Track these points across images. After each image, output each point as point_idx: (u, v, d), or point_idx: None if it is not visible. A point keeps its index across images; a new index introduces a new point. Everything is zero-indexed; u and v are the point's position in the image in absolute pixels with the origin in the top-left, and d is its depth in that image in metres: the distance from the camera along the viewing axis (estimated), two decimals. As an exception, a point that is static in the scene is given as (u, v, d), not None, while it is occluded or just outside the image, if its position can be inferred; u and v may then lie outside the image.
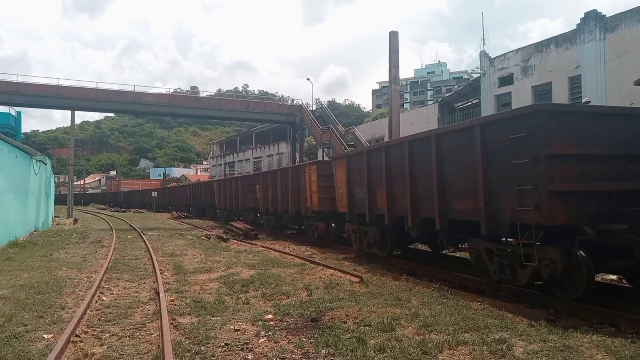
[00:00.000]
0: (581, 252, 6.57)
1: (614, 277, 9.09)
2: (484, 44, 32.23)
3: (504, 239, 7.89)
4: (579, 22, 24.83)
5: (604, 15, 23.81)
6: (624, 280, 8.49)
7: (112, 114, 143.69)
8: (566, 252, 6.66)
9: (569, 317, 6.47)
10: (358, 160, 12.36)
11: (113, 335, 6.04)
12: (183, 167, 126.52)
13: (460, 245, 10.58)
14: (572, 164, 6.61)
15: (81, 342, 5.73)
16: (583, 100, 23.02)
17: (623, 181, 6.79)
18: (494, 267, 7.71)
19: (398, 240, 11.50)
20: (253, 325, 6.40)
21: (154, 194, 54.59)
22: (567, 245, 6.68)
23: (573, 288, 6.74)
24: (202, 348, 5.44)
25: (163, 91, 79.26)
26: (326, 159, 27.74)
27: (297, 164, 25.76)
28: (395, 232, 11.18)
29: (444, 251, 12.12)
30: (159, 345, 5.48)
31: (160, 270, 10.83)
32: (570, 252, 6.65)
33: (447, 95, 41.28)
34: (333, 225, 15.68)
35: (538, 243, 6.88)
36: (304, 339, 5.71)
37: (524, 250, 6.93)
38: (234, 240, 18.11)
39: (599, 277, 8.79)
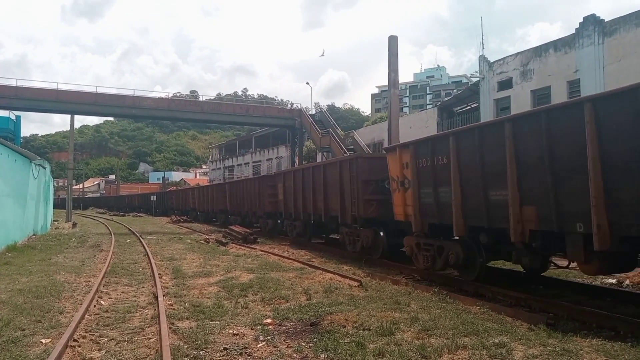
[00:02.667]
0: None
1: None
2: (483, 48, 32.38)
3: None
4: (577, 26, 24.92)
5: (603, 20, 23.90)
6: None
7: (111, 118, 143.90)
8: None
9: (568, 321, 6.46)
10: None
11: (111, 339, 6.02)
12: (182, 171, 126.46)
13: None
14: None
15: (79, 346, 5.71)
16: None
17: None
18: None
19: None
20: (252, 329, 6.38)
21: (153, 198, 54.53)
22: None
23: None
24: (201, 352, 5.42)
25: (162, 95, 79.29)
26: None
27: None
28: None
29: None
30: (157, 350, 5.46)
31: (159, 274, 10.81)
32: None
33: (446, 99, 41.38)
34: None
35: None
36: (303, 344, 5.69)
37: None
38: (233, 244, 18.08)
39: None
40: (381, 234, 12.34)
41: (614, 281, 9.24)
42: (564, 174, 6.57)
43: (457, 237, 8.94)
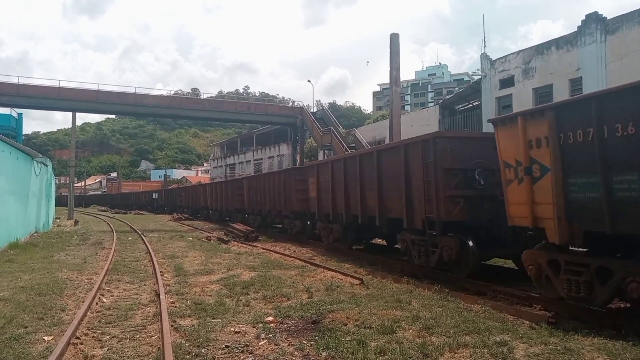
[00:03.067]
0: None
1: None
2: (484, 46, 32.25)
3: None
4: (579, 24, 24.84)
5: (605, 18, 23.81)
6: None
7: (113, 116, 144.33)
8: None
9: (570, 319, 6.46)
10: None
11: (113, 337, 6.04)
12: (184, 169, 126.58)
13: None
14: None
15: (81, 344, 5.73)
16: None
17: None
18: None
19: None
20: (253, 327, 6.39)
21: (155, 195, 54.60)
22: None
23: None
24: (203, 350, 5.43)
25: (164, 93, 79.57)
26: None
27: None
28: None
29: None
30: (159, 348, 5.48)
31: (161, 272, 10.83)
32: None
33: (447, 97, 41.33)
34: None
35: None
36: (304, 342, 5.70)
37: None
38: (235, 242, 18.10)
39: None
40: (470, 243, 8.93)
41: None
42: None
43: None
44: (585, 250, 6.60)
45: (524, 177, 7.08)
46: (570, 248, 6.76)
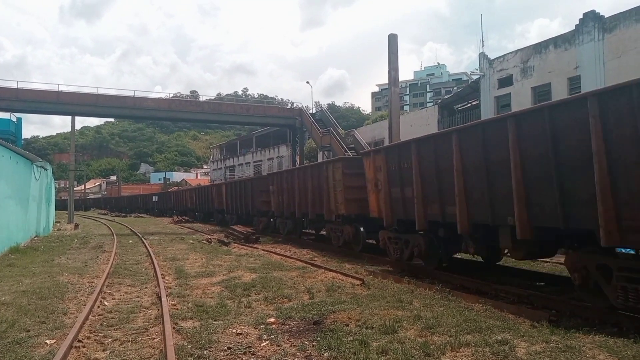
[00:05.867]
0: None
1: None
2: (483, 46, 32.37)
3: None
4: (577, 22, 24.89)
5: (603, 16, 23.87)
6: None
7: (112, 119, 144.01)
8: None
9: (571, 317, 6.47)
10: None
11: (116, 340, 6.04)
12: (183, 172, 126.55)
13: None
14: None
15: (84, 347, 5.73)
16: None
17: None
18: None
19: None
20: (255, 328, 6.40)
21: (155, 198, 54.58)
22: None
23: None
24: (205, 352, 5.44)
25: (163, 96, 79.57)
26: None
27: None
28: None
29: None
30: (161, 350, 5.49)
31: (162, 274, 10.84)
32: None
33: (446, 97, 41.37)
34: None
35: None
36: (306, 342, 5.71)
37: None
38: (235, 244, 18.11)
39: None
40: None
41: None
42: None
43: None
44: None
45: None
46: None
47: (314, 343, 5.66)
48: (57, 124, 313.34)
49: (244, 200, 26.10)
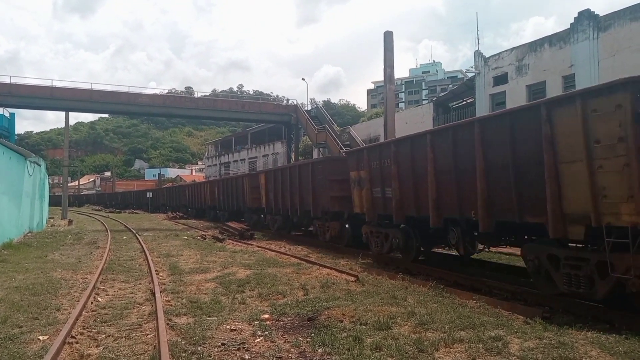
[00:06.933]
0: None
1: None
2: (478, 44, 32.42)
3: None
4: (572, 21, 24.96)
5: (597, 15, 23.94)
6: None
7: (106, 115, 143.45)
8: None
9: (564, 314, 6.52)
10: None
11: (109, 336, 6.02)
12: (178, 168, 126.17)
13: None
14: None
15: (77, 343, 5.71)
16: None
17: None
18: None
19: None
20: (249, 325, 6.40)
21: (149, 194, 54.40)
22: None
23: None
24: (199, 348, 5.43)
25: (157, 92, 79.29)
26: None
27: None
28: None
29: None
30: (155, 346, 5.47)
31: (156, 270, 10.81)
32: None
33: (442, 94, 41.39)
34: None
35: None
36: (300, 338, 5.71)
37: None
38: (230, 240, 18.09)
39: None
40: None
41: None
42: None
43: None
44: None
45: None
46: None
47: (308, 339, 5.67)
48: (50, 120, 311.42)
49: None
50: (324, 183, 15.18)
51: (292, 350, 5.34)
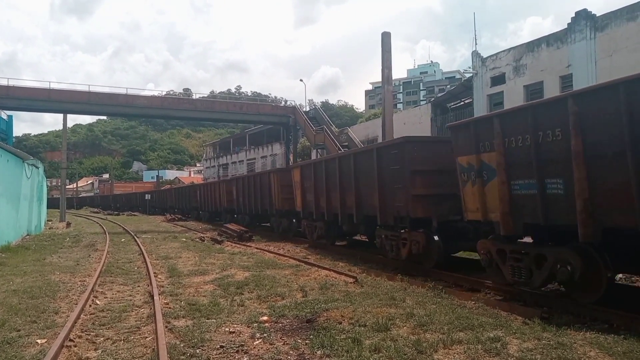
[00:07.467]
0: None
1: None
2: (476, 44, 32.44)
3: None
4: (569, 21, 25.02)
5: (594, 15, 24.01)
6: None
7: (104, 117, 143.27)
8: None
9: (562, 314, 6.51)
10: None
11: (107, 339, 6.01)
12: (176, 170, 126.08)
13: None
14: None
15: (75, 346, 5.69)
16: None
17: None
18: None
19: None
20: (248, 327, 6.39)
21: (148, 197, 54.32)
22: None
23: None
24: (198, 351, 5.42)
25: (155, 93, 79.18)
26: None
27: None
28: None
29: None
30: (154, 349, 5.46)
31: (155, 273, 10.78)
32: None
33: (439, 95, 41.47)
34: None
35: None
36: (299, 340, 5.71)
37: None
38: (228, 242, 18.07)
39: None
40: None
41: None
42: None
43: None
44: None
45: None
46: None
47: (307, 341, 5.66)
48: (48, 122, 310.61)
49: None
50: (401, 176, 10.32)
51: (291, 352, 5.33)
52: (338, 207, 13.57)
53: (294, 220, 18.91)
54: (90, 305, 7.81)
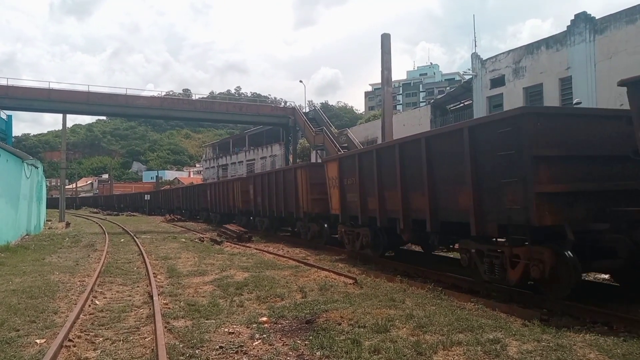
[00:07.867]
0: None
1: (606, 276, 9.08)
2: (475, 46, 32.49)
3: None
4: (569, 23, 25.06)
5: (594, 17, 24.05)
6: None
7: (104, 117, 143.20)
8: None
9: (562, 316, 6.52)
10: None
11: (107, 339, 6.00)
12: (176, 170, 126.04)
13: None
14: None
15: (74, 346, 5.69)
16: (574, 102, 23.26)
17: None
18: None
19: None
20: (247, 327, 6.38)
21: (147, 197, 54.30)
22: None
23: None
24: (197, 351, 5.42)
25: (155, 94, 79.04)
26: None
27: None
28: None
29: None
30: (153, 349, 5.46)
31: (154, 273, 10.78)
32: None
33: (439, 96, 41.54)
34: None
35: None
36: (298, 341, 5.70)
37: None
38: (228, 243, 18.06)
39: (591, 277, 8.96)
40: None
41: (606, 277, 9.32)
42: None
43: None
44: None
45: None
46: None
47: (306, 342, 5.66)
48: (48, 122, 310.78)
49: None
50: (516, 165, 7.04)
51: (290, 353, 5.33)
52: (399, 209, 10.33)
53: (326, 226, 15.92)
54: (89, 306, 7.80)
